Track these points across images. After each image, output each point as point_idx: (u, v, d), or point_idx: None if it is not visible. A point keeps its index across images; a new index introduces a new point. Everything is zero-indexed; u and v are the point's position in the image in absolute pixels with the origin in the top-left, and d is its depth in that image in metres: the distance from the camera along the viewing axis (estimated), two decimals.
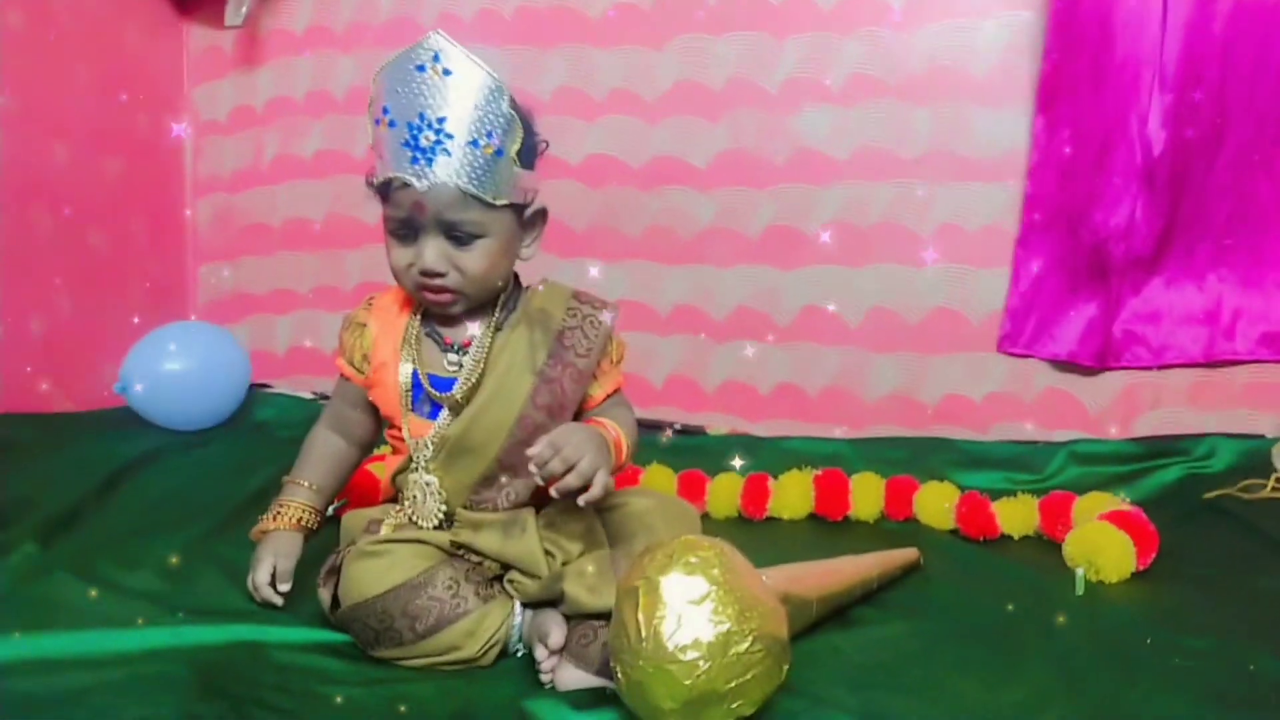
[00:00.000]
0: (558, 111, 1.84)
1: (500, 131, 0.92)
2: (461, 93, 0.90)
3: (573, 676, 0.89)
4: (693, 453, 1.65)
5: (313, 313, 2.05)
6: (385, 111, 0.92)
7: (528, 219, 0.99)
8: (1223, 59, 1.57)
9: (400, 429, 1.01)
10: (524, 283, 1.05)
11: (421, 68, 0.90)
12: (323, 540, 1.07)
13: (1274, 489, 1.41)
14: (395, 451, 1.06)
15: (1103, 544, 1.20)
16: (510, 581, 0.97)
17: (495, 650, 0.93)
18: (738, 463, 1.53)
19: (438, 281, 0.95)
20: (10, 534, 1.16)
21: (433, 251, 0.93)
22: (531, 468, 0.89)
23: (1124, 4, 1.56)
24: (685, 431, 1.78)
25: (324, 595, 0.99)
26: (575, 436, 0.90)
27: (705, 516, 1.47)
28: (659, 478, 1.50)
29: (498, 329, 0.99)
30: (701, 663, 0.73)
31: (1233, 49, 1.56)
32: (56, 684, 0.83)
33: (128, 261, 1.95)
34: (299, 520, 1.05)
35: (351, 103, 1.99)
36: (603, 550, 0.97)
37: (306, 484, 1.06)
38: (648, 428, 1.70)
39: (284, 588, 1.01)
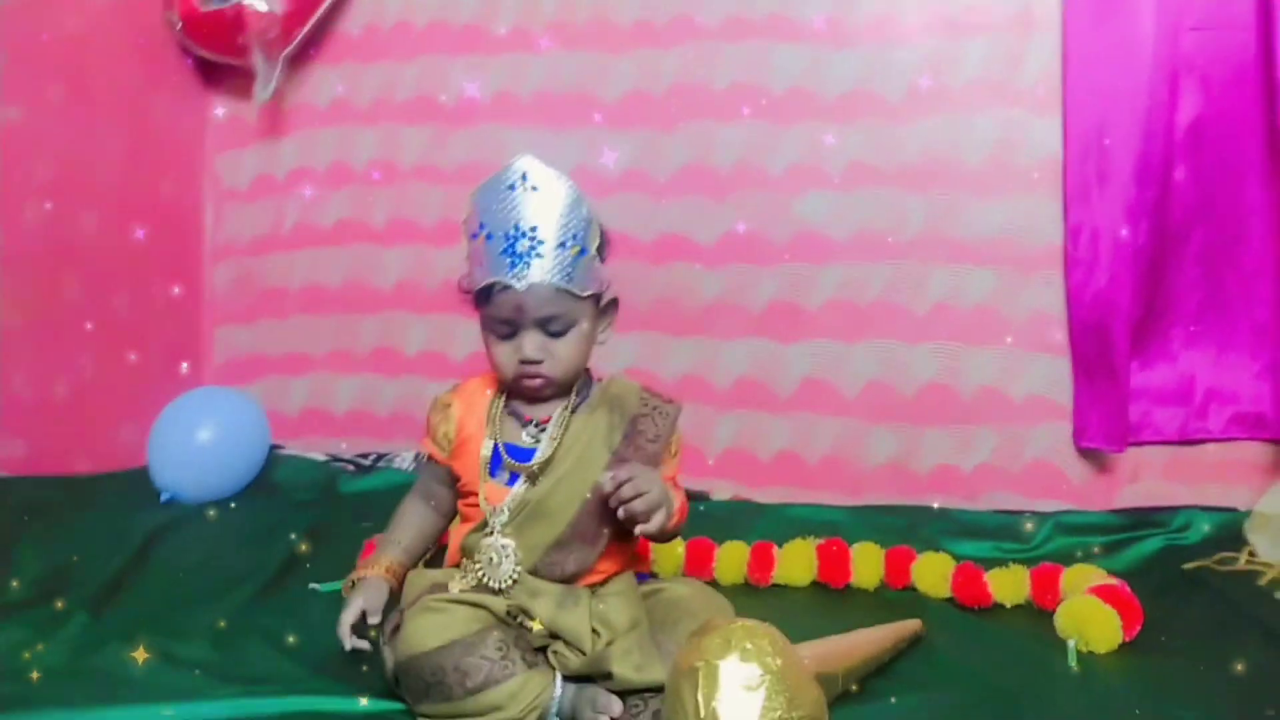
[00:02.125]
0: None
1: (582, 233, 1.06)
2: (548, 204, 1.04)
3: None
4: (697, 518, 1.72)
5: (326, 375, 2.11)
6: (482, 227, 1.06)
7: (603, 307, 1.13)
8: (1190, 159, 1.70)
9: (477, 497, 1.10)
10: (594, 375, 1.17)
11: (512, 186, 1.04)
12: None
13: (1248, 562, 1.51)
14: (464, 519, 1.14)
15: (1091, 617, 1.28)
16: (555, 653, 1.04)
17: (535, 715, 0.99)
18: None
19: (534, 369, 1.07)
20: (59, 604, 1.21)
21: (532, 344, 1.06)
22: (605, 481, 1.01)
23: (1116, 107, 1.69)
24: (690, 497, 1.85)
25: (387, 653, 1.05)
26: (648, 473, 1.03)
27: (713, 583, 1.53)
28: (668, 548, 1.56)
29: (573, 410, 1.11)
30: None
31: (1198, 149, 1.70)
32: None
33: (148, 324, 2.01)
34: (388, 569, 1.13)
35: (370, 173, 2.08)
36: (644, 630, 1.04)
37: (397, 541, 1.16)
38: None
39: (374, 620, 1.08)
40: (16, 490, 1.60)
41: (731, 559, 1.56)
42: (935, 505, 1.77)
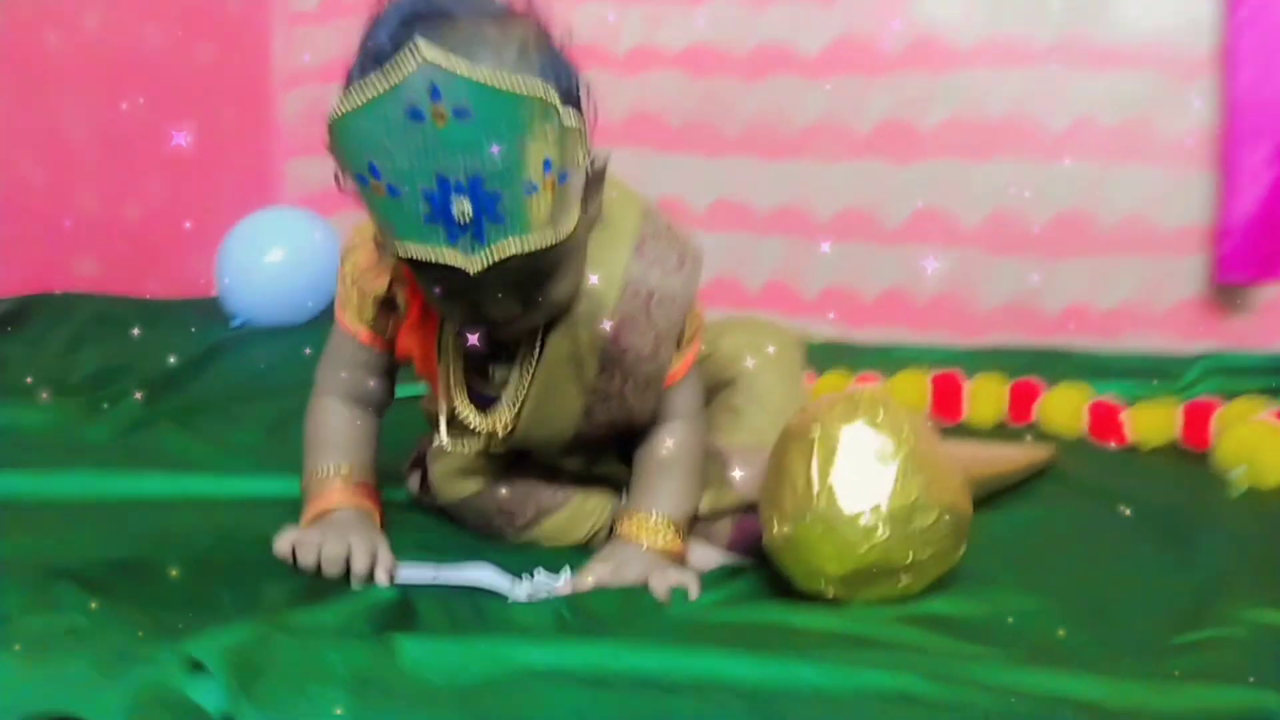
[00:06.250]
0: None
1: (561, 150, 0.64)
2: (491, 133, 0.61)
3: (703, 555, 0.84)
4: None
5: None
6: (374, 173, 0.63)
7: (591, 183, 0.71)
8: None
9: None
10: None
11: (417, 114, 0.60)
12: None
13: None
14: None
15: (1264, 443, 1.10)
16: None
17: (603, 533, 0.86)
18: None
19: (504, 329, 0.73)
20: (112, 390, 1.17)
21: (501, 309, 0.70)
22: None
23: None
24: None
25: (411, 483, 0.92)
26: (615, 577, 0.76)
27: None
28: None
29: (548, 329, 0.76)
30: (880, 530, 0.65)
31: None
32: (166, 520, 0.81)
33: (217, 150, 1.93)
34: (359, 493, 0.81)
35: None
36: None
37: (346, 471, 0.81)
38: None
39: (385, 571, 0.74)
40: (86, 305, 1.58)
41: (831, 390, 1.41)
42: (1065, 348, 1.58)
